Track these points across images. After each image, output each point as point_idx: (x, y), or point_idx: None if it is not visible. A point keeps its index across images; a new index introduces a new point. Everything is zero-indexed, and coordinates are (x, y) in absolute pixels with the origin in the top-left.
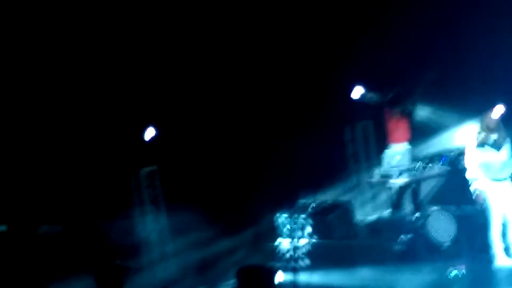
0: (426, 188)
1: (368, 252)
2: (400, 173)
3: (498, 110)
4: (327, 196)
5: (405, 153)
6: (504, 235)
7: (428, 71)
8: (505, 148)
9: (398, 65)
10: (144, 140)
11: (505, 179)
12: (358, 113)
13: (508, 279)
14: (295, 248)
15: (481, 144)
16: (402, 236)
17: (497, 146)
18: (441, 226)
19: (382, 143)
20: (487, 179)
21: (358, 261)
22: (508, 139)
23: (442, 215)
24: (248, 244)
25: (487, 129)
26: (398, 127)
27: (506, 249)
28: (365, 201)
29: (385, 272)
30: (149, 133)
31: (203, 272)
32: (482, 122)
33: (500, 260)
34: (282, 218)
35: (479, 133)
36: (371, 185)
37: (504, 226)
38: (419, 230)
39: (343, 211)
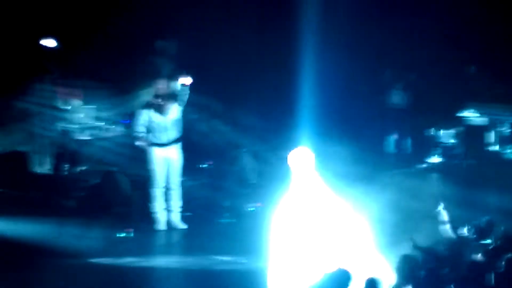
0: (105, 148)
1: (41, 204)
2: (82, 130)
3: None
4: (4, 143)
5: (87, 110)
6: (167, 199)
7: None
8: (172, 114)
9: None
10: None
11: (169, 143)
12: None
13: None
14: None
15: (148, 107)
16: (75, 192)
17: (164, 111)
18: (116, 187)
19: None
20: (153, 142)
21: (30, 213)
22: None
23: (117, 176)
24: None
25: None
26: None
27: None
28: (42, 153)
29: (56, 226)
30: None
31: None
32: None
33: (162, 225)
34: None
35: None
36: (50, 138)
37: (168, 190)
38: (93, 189)
39: (19, 160)
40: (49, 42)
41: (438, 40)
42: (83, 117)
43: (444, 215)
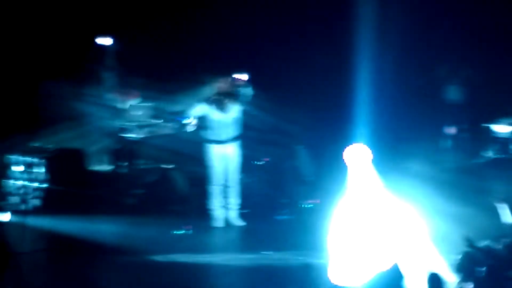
0: (162, 146)
1: (100, 202)
2: (140, 128)
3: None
4: (64, 142)
5: (144, 109)
6: (225, 196)
7: None
8: (233, 111)
9: None
10: None
11: (228, 141)
12: None
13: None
14: (26, 191)
15: (209, 103)
16: (134, 190)
17: (223, 108)
18: (173, 185)
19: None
20: (213, 139)
21: (89, 210)
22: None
23: (175, 173)
24: None
25: (219, 91)
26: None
27: (226, 211)
28: (100, 151)
29: (115, 223)
30: None
31: None
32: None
33: (220, 222)
34: (14, 158)
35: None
36: (108, 136)
37: (226, 187)
38: (151, 186)
39: (78, 158)
40: (106, 40)
41: (495, 34)
42: (141, 115)
43: (504, 211)
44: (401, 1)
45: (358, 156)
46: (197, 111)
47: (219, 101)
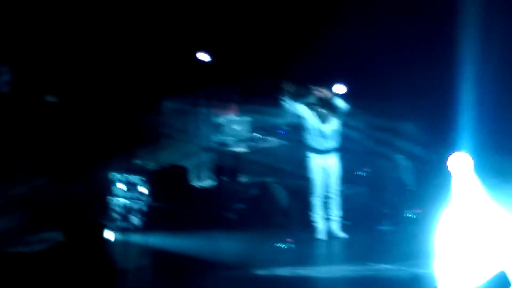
0: (262, 159)
1: (201, 218)
2: (237, 142)
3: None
4: (164, 159)
5: (243, 123)
6: (326, 208)
7: None
8: (332, 122)
9: None
10: None
11: (328, 151)
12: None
13: (328, 254)
14: (129, 208)
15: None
16: (235, 205)
17: (323, 119)
18: (274, 198)
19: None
20: (313, 150)
21: (191, 226)
22: (336, 115)
23: (275, 187)
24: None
25: (319, 101)
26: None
27: (328, 223)
28: (201, 167)
29: (218, 239)
30: None
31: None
32: (316, 94)
33: (322, 234)
34: (117, 176)
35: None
36: (208, 152)
37: (327, 199)
38: (252, 200)
39: (179, 175)
40: (204, 56)
41: None
42: (240, 129)
43: None
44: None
45: (461, 165)
46: (297, 108)
47: (318, 110)
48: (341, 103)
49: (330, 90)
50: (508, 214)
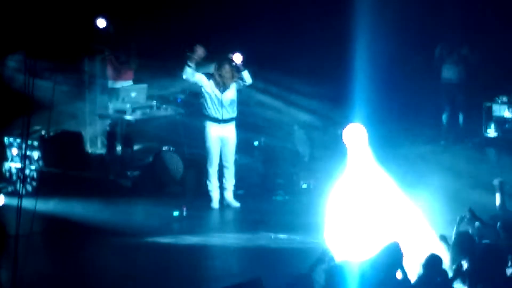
0: (158, 127)
1: (95, 184)
2: (134, 110)
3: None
4: (59, 125)
5: (140, 91)
6: (221, 177)
7: None
8: (231, 92)
9: None
10: None
11: (224, 121)
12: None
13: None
14: (21, 173)
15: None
16: (130, 172)
17: (223, 88)
18: (169, 166)
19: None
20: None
21: (85, 192)
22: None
23: (171, 155)
24: None
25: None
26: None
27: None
28: (95, 134)
29: (111, 206)
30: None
31: None
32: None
33: (216, 203)
34: (9, 141)
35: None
36: (103, 118)
37: (223, 168)
38: (147, 168)
39: (74, 141)
40: (100, 22)
41: (491, 11)
42: (135, 96)
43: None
44: None
45: (355, 137)
46: (196, 76)
47: (217, 78)
48: (246, 75)
49: (230, 58)
50: (399, 185)
